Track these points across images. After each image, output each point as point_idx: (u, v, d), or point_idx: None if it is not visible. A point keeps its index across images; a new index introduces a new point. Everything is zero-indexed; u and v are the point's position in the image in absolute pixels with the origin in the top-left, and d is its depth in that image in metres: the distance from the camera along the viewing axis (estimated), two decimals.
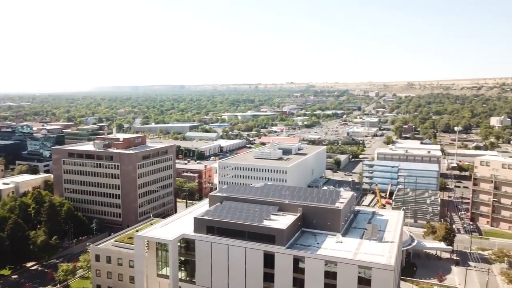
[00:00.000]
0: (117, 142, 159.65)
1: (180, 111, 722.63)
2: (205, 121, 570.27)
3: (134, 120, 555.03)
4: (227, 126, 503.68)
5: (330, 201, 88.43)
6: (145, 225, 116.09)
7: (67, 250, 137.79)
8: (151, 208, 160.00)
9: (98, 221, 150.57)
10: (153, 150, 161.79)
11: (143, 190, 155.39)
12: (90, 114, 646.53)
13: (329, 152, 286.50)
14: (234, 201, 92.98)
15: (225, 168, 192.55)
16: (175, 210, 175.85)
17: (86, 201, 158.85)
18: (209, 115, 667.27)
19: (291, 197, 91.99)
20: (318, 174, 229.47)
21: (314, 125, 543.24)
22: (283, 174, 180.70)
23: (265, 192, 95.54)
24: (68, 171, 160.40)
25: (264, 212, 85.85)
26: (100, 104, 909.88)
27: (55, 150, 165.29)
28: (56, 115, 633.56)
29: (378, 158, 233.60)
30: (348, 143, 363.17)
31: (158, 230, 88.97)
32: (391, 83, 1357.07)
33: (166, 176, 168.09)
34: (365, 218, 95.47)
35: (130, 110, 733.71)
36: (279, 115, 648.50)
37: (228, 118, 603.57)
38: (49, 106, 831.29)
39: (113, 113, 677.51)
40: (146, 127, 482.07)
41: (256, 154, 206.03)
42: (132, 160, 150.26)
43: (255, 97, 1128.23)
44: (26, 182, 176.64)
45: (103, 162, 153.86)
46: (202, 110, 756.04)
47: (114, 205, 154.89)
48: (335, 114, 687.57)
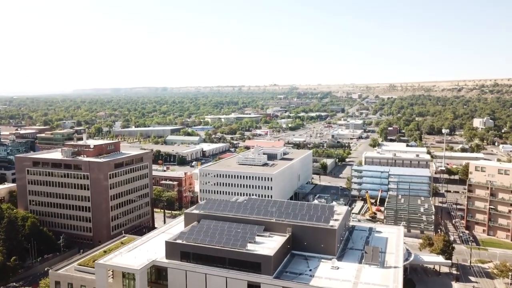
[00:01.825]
0: (87, 150, 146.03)
1: (162, 114, 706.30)
2: (187, 124, 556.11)
3: (114, 124, 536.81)
4: (210, 129, 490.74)
5: (324, 219, 77.75)
6: (115, 244, 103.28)
7: (30, 270, 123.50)
8: (126, 221, 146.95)
9: (66, 237, 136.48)
10: (127, 158, 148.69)
11: (116, 202, 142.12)
12: (69, 117, 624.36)
13: (315, 155, 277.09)
14: (213, 219, 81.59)
15: (206, 176, 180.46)
16: (152, 222, 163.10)
17: (53, 214, 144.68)
18: (191, 117, 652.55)
19: (279, 214, 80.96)
20: (305, 180, 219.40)
21: (299, 128, 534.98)
22: (268, 181, 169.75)
23: (249, 209, 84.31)
24: (33, 182, 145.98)
25: (248, 234, 74.60)
26: (79, 107, 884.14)
27: (18, 159, 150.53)
28: (33, 118, 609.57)
29: (366, 162, 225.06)
30: (333, 146, 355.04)
31: (125, 255, 76.82)
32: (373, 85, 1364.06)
33: (142, 186, 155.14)
34: (362, 236, 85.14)
35: (111, 113, 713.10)
36: (263, 117, 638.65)
37: (212, 120, 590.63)
38: (26, 109, 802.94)
39: (92, 116, 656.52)
40: (126, 131, 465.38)
41: (240, 160, 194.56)
42: (103, 169, 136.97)
43: (238, 99, 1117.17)
44: None
45: (71, 171, 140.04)
46: (185, 112, 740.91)
47: (83, 219, 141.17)
48: (319, 116, 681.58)
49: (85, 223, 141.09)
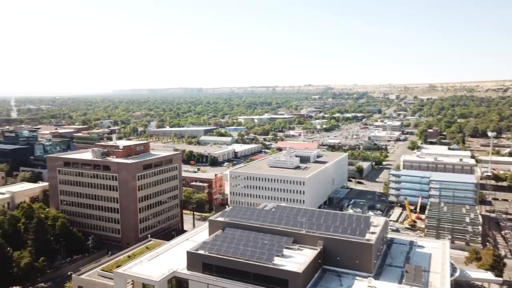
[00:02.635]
0: (116, 150, 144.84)
1: (197, 114, 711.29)
2: (220, 124, 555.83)
3: (150, 124, 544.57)
4: (243, 129, 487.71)
5: (359, 231, 70.55)
6: (140, 249, 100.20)
7: (59, 271, 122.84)
8: (154, 223, 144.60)
9: (95, 238, 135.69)
10: (156, 159, 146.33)
11: (144, 204, 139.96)
12: (106, 117, 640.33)
13: (350, 158, 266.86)
14: (238, 228, 76.19)
15: (236, 178, 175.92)
16: (181, 225, 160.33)
17: (83, 214, 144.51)
18: (225, 118, 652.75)
19: (310, 225, 74.45)
20: (339, 184, 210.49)
21: (333, 129, 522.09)
22: (300, 185, 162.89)
23: (277, 218, 78.26)
24: (64, 182, 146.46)
25: (275, 246, 68.63)
26: (117, 107, 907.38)
27: (50, 158, 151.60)
28: (73, 118, 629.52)
29: (404, 166, 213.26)
30: (369, 148, 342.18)
31: (145, 264, 72.80)
32: (411, 85, 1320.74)
33: (171, 187, 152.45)
34: (402, 251, 77.11)
35: (146, 113, 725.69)
36: (296, 118, 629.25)
37: (245, 121, 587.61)
38: (67, 109, 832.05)
39: (129, 116, 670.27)
40: (161, 131, 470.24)
41: (271, 162, 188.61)
42: (131, 170, 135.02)
43: (272, 99, 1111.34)
44: (23, 192, 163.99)
45: (100, 172, 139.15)
46: (219, 113, 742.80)
47: (112, 220, 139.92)
48: (354, 117, 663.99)
49: (114, 225, 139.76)
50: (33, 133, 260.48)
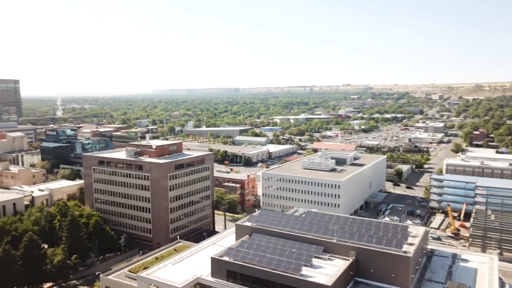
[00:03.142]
0: (149, 150, 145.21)
1: (233, 114, 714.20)
2: (256, 124, 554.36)
3: (187, 123, 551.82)
4: (278, 130, 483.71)
5: (395, 242, 65.06)
6: (168, 251, 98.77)
7: (91, 269, 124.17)
8: (185, 223, 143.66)
9: (127, 237, 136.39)
10: (188, 159, 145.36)
11: (175, 204, 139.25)
12: (145, 116, 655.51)
13: (389, 160, 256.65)
14: (266, 234, 72.60)
15: (269, 179, 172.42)
16: (212, 226, 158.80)
17: (115, 213, 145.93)
18: (261, 118, 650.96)
19: (342, 233, 69.66)
20: (377, 188, 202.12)
21: (372, 130, 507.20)
22: (335, 189, 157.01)
23: (307, 225, 73.97)
24: (98, 180, 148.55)
25: (304, 255, 64.49)
26: (156, 106, 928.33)
27: (86, 157, 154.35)
28: (113, 117, 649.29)
29: (448, 170, 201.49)
30: (410, 151, 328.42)
31: (169, 268, 70.80)
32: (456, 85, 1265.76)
33: (202, 188, 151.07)
34: (443, 265, 70.72)
35: (184, 113, 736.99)
36: (334, 118, 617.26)
37: (280, 121, 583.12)
38: (109, 108, 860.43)
39: (167, 115, 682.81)
40: (197, 130, 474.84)
41: (305, 164, 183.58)
42: (163, 170, 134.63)
43: (309, 99, 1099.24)
44: (61, 189, 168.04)
45: (132, 171, 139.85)
46: (255, 113, 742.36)
47: (144, 220, 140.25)
48: (394, 118, 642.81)
49: (145, 224, 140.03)
50: (73, 132, 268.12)
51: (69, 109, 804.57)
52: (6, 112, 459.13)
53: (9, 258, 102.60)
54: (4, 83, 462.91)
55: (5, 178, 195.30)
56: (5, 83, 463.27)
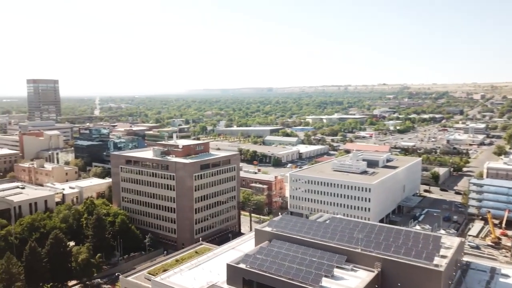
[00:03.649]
0: (176, 150, 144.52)
1: (265, 114, 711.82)
2: (287, 124, 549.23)
3: (219, 123, 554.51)
4: (310, 130, 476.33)
5: (426, 254, 59.69)
6: (189, 253, 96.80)
7: (116, 267, 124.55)
8: (210, 224, 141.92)
9: (152, 236, 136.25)
10: (214, 159, 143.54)
11: (200, 204, 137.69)
12: (179, 115, 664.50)
13: (425, 163, 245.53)
14: (286, 241, 68.87)
15: (296, 181, 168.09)
16: (238, 227, 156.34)
17: (141, 212, 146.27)
18: (293, 118, 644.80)
19: (367, 242, 64.91)
20: (411, 191, 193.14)
21: (408, 131, 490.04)
22: (365, 192, 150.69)
23: (330, 232, 69.60)
24: (126, 179, 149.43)
25: (325, 265, 60.34)
26: (190, 106, 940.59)
27: (113, 156, 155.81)
28: (148, 116, 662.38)
29: (489, 174, 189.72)
30: (448, 153, 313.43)
31: (185, 273, 68.57)
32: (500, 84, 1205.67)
33: (228, 189, 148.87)
34: (480, 280, 64.51)
35: (217, 112, 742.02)
36: (368, 118, 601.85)
37: (313, 121, 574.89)
38: (144, 107, 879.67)
39: (200, 115, 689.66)
40: (228, 130, 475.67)
41: (335, 166, 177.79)
42: (188, 170, 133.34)
43: (343, 99, 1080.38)
44: (91, 187, 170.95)
45: (158, 171, 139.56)
46: (287, 112, 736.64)
47: (169, 220, 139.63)
48: (432, 118, 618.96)
49: (170, 224, 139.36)
50: (105, 130, 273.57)
51: (106, 108, 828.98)
52: (46, 111, 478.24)
53: (35, 255, 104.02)
54: (45, 83, 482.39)
55: (40, 175, 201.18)
56: (45, 83, 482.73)
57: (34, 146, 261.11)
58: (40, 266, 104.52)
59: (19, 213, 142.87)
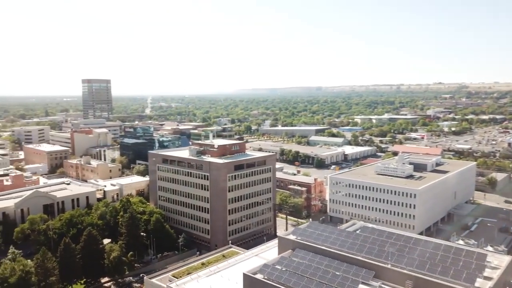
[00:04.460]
0: (211, 149, 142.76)
1: (312, 114, 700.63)
2: (334, 124, 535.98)
3: (264, 122, 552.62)
4: (358, 130, 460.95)
5: (466, 275, 52.23)
6: (215, 257, 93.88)
7: (148, 266, 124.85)
8: (244, 226, 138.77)
9: (186, 236, 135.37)
10: (249, 160, 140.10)
11: (234, 206, 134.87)
12: (225, 115, 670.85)
13: (481, 167, 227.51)
14: (310, 251, 63.68)
15: (336, 184, 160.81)
16: (274, 230, 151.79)
17: (176, 212, 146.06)
18: (340, 117, 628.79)
19: (399, 257, 58.26)
20: (464, 198, 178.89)
21: (465, 132, 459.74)
22: (410, 198, 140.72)
23: (359, 243, 63.49)
24: (162, 178, 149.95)
25: (350, 280, 54.77)
26: (237, 105, 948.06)
27: (151, 155, 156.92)
28: (196, 115, 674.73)
29: None
30: (509, 157, 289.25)
31: (202, 281, 65.61)
32: None
33: (263, 190, 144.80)
34: None
35: (263, 112, 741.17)
36: (421, 119, 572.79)
37: (361, 121, 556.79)
38: (193, 107, 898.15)
39: (246, 114, 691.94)
40: (273, 130, 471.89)
41: (378, 169, 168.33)
42: (222, 171, 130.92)
43: (395, 98, 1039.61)
44: (131, 184, 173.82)
45: (193, 171, 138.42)
46: (335, 112, 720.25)
47: (203, 220, 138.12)
48: (492, 119, 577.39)
49: (204, 225, 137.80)
50: (148, 129, 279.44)
51: (156, 107, 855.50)
52: (99, 109, 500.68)
53: (69, 251, 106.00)
54: (98, 82, 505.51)
55: (86, 172, 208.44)
56: (98, 82, 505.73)
57: (84, 143, 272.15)
58: (73, 262, 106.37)
59: (62, 208, 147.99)
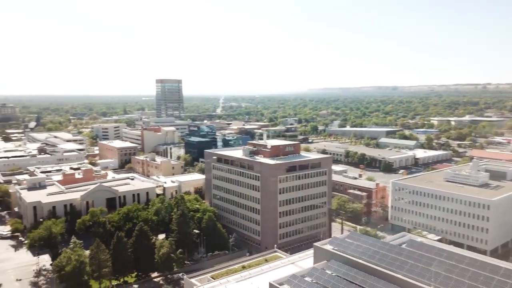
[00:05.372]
0: (264, 150, 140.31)
1: (384, 114, 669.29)
2: (408, 126, 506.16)
3: (332, 122, 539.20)
4: (434, 132, 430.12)
5: None
6: (257, 260, 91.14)
7: (198, 264, 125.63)
8: (296, 230, 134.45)
9: (237, 236, 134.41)
10: (302, 162, 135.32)
11: (285, 208, 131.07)
12: (293, 115, 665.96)
13: None
14: (345, 264, 58.16)
15: (399, 191, 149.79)
16: (328, 235, 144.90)
17: (229, 211, 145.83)
18: (416, 119, 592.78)
19: (445, 279, 50.87)
20: None
21: None
22: (483, 209, 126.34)
23: (401, 259, 56.64)
24: (216, 177, 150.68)
25: None
26: (306, 105, 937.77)
27: (207, 153, 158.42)
28: (263, 115, 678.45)
29: None
30: None
31: (230, 286, 62.82)
32: None
33: (317, 194, 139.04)
34: None
35: (332, 112, 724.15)
36: (509, 121, 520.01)
37: (438, 123, 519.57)
38: (262, 107, 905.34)
39: (314, 114, 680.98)
40: (340, 130, 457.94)
41: (448, 176, 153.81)
42: (272, 172, 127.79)
43: (480, 99, 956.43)
44: (189, 182, 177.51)
45: (245, 170, 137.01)
46: (410, 113, 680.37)
47: (253, 221, 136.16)
48: None
49: (255, 226, 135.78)
50: (212, 128, 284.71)
51: (227, 107, 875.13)
52: (171, 108, 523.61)
53: (121, 245, 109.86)
54: (170, 82, 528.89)
55: (151, 168, 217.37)
56: (170, 82, 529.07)
57: (152, 140, 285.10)
58: (125, 255, 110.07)
59: (123, 202, 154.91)
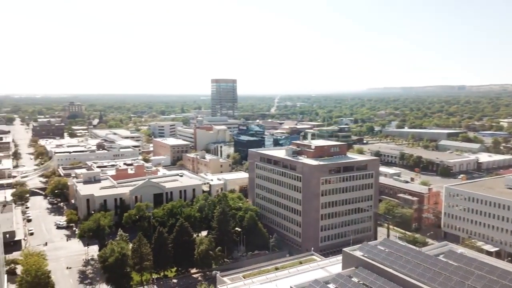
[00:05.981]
0: (308, 150, 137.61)
1: (448, 115, 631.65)
2: (473, 127, 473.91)
3: (390, 123, 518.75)
4: (502, 135, 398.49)
5: None
6: (291, 262, 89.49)
7: (237, 262, 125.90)
8: (338, 233, 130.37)
9: (278, 237, 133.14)
10: (347, 163, 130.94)
11: (327, 211, 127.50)
12: (349, 115, 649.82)
13: None
14: (374, 272, 55.02)
15: (454, 197, 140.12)
16: (374, 240, 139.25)
17: (271, 211, 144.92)
18: (482, 120, 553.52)
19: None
20: None
21: None
22: None
23: (434, 271, 52.35)
24: (259, 176, 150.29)
25: None
26: (364, 105, 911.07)
27: (251, 153, 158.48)
28: (318, 115, 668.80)
29: None
30: None
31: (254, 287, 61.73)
32: None
33: (362, 197, 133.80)
34: None
35: (391, 112, 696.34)
36: None
37: (508, 125, 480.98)
38: (317, 106, 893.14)
39: (371, 114, 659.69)
40: (397, 131, 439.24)
41: (509, 182, 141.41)
42: (314, 173, 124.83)
43: None
44: (234, 180, 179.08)
45: (287, 171, 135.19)
46: (477, 114, 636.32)
47: (295, 222, 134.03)
48: None
49: (296, 227, 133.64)
50: (259, 127, 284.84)
51: (281, 106, 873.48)
52: (225, 107, 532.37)
53: (162, 240, 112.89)
54: (225, 82, 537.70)
55: (200, 165, 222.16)
56: (225, 82, 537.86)
57: (204, 138, 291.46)
58: (165, 250, 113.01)
59: (170, 198, 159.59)
